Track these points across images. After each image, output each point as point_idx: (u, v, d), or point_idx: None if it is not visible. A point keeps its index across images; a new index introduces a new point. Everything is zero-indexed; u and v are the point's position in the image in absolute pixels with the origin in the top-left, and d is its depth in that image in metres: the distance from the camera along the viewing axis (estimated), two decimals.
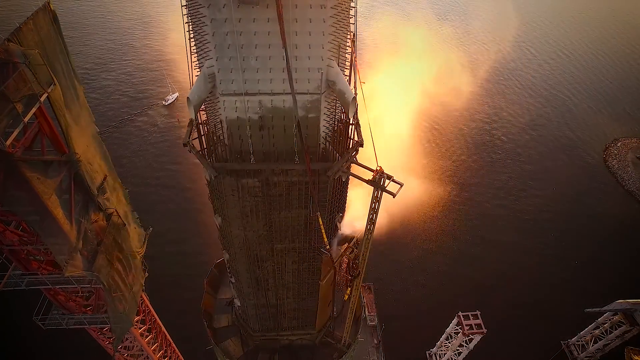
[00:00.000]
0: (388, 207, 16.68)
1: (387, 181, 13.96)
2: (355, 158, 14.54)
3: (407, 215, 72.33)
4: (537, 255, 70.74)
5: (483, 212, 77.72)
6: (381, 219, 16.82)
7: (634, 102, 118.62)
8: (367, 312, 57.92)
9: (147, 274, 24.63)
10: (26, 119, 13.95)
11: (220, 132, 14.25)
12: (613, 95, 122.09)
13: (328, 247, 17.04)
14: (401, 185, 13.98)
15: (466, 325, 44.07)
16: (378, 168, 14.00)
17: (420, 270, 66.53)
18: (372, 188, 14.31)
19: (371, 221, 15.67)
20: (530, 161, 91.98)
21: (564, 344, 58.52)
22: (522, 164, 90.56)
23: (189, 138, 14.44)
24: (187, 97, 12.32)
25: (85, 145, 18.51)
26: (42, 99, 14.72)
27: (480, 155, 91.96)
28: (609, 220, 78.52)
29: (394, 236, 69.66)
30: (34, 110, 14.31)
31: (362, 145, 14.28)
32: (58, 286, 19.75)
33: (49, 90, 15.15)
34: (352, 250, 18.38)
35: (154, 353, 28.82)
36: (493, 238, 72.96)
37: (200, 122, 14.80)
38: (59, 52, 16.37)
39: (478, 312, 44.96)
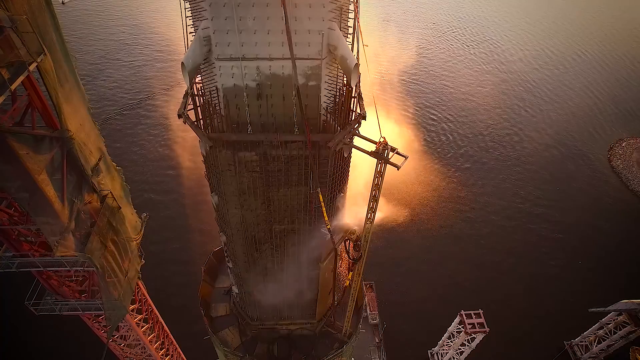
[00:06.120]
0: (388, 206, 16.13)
1: (390, 153, 13.33)
2: (358, 130, 13.87)
3: (409, 214, 71.95)
4: (540, 255, 70.08)
5: (485, 211, 77.08)
6: (382, 219, 16.19)
7: (638, 102, 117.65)
8: (368, 311, 57.32)
9: (143, 261, 24.02)
10: (13, 87, 13.32)
11: (216, 101, 13.61)
12: (617, 94, 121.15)
13: (329, 227, 16.32)
14: (406, 157, 13.32)
15: (468, 324, 43.49)
16: (382, 140, 13.35)
17: (422, 269, 65.95)
18: None
19: (374, 198, 14.97)
20: (533, 161, 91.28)
21: (567, 344, 57.84)
22: (525, 164, 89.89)
23: (184, 109, 13.81)
24: (182, 62, 11.66)
25: (78, 123, 17.90)
26: (30, 67, 14.11)
27: (482, 155, 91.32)
28: (613, 220, 77.84)
29: (395, 235, 69.16)
30: (21, 78, 13.70)
31: (364, 118, 13.58)
32: (50, 269, 19.15)
33: (39, 60, 14.54)
34: (354, 232, 17.71)
35: (151, 344, 28.19)
36: (496, 237, 72.30)
37: (195, 92, 14.14)
38: (49, 24, 15.74)
39: (480, 311, 44.40)
